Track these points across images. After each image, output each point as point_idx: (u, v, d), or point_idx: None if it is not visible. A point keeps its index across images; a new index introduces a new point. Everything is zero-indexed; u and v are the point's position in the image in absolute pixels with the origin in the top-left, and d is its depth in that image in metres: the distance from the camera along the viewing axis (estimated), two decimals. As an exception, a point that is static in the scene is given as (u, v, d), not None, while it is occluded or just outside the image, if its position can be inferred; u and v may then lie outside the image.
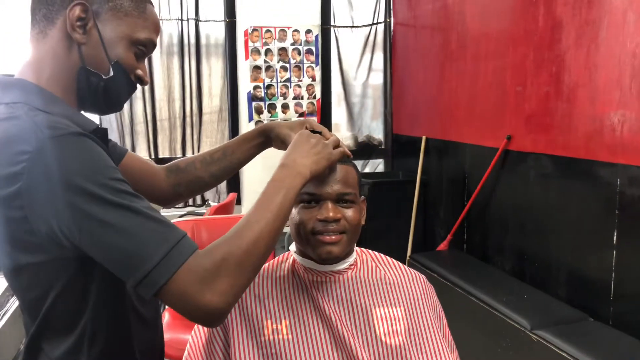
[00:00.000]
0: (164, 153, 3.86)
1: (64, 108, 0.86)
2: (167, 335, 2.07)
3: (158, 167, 1.18)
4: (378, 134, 4.41)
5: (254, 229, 0.82)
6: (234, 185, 3.94)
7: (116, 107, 0.96)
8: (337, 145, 1.01)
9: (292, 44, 3.95)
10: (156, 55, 3.74)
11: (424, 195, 3.80)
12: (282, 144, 1.10)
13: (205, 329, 1.07)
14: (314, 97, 4.04)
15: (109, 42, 0.87)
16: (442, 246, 3.37)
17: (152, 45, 0.94)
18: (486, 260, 3.13)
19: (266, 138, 1.16)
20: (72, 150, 0.77)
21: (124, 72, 0.90)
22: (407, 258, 3.43)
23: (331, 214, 1.00)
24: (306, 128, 1.05)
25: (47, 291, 0.84)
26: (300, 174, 0.91)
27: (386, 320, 1.03)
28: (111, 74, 0.88)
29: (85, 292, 0.85)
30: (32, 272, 0.83)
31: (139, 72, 0.93)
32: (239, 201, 3.88)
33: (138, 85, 0.95)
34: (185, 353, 1.07)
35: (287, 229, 1.05)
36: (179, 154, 3.87)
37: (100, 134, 0.87)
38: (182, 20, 3.75)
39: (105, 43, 0.87)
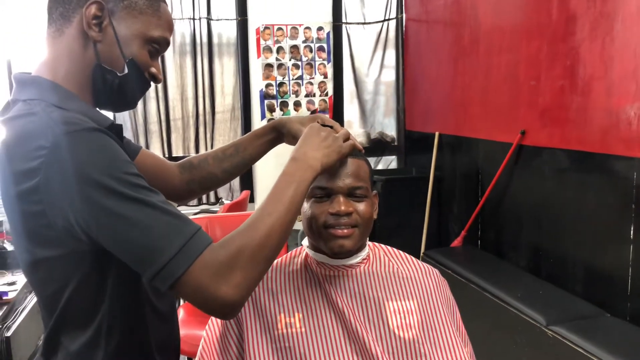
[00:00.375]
0: (177, 152, 3.89)
1: (79, 104, 0.87)
2: (182, 332, 2.09)
3: (171, 164, 1.19)
4: (391, 131, 4.39)
5: (267, 222, 0.82)
6: (247, 183, 3.96)
7: (130, 105, 0.97)
8: (347, 138, 1.02)
9: (304, 42, 3.95)
10: (169, 54, 3.77)
11: (438, 192, 3.78)
12: (293, 139, 1.11)
13: (220, 323, 1.08)
14: (326, 95, 4.04)
15: (124, 39, 0.89)
16: (456, 242, 3.36)
17: (165, 44, 0.95)
18: (501, 256, 3.11)
19: (278, 134, 1.17)
20: (88, 145, 0.78)
21: (138, 69, 0.91)
22: (421, 254, 3.42)
23: (343, 208, 1.00)
24: (317, 123, 1.05)
25: (64, 285, 0.85)
26: (311, 167, 0.91)
27: (399, 313, 1.03)
28: (126, 71, 0.90)
29: (101, 286, 0.86)
30: (49, 266, 0.85)
31: (153, 70, 0.94)
32: (252, 199, 3.90)
33: (152, 84, 0.97)
34: (200, 347, 1.08)
35: (299, 226, 1.05)
36: (192, 152, 3.90)
37: (116, 130, 0.88)
38: (194, 19, 3.77)
39: (120, 41, 0.88)
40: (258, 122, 3.94)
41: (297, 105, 3.99)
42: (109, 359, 0.88)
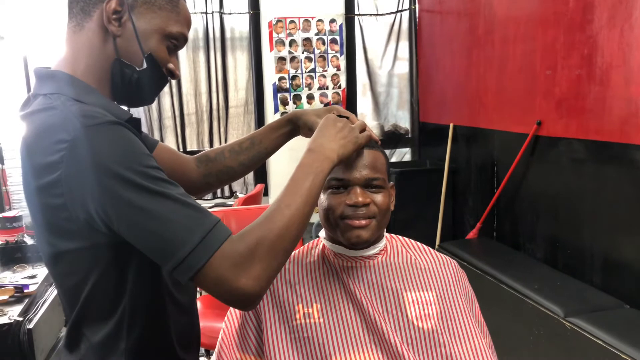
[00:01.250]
0: (191, 146, 3.91)
1: (98, 98, 0.88)
2: (200, 324, 2.11)
3: (188, 158, 1.19)
4: (404, 123, 4.37)
5: (285, 214, 0.83)
6: (261, 177, 3.97)
7: (147, 100, 0.98)
8: (363, 129, 1.01)
9: (316, 34, 3.94)
10: (182, 49, 3.77)
11: (452, 184, 3.76)
12: (309, 132, 1.11)
13: (238, 315, 1.09)
14: (339, 87, 4.03)
15: (143, 35, 0.89)
16: (472, 234, 3.34)
17: (183, 40, 0.95)
18: (517, 248, 3.08)
19: (294, 126, 1.16)
20: (108, 138, 0.79)
21: (156, 65, 0.92)
22: (436, 247, 3.41)
23: (360, 199, 1.00)
24: (333, 114, 1.05)
25: (85, 277, 0.86)
26: (328, 159, 0.91)
27: (418, 304, 1.03)
28: (144, 66, 0.90)
29: (122, 277, 0.87)
30: (71, 258, 0.86)
31: (171, 65, 0.95)
32: (266, 192, 3.91)
33: (169, 80, 0.97)
34: (219, 339, 1.09)
35: (314, 219, 1.05)
36: (206, 146, 3.91)
37: (134, 123, 0.89)
38: (207, 13, 3.77)
39: (139, 36, 0.89)
40: (271, 116, 3.94)
41: (310, 98, 3.99)
42: (131, 350, 0.89)
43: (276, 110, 3.94)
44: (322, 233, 1.12)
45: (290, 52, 3.91)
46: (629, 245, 2.30)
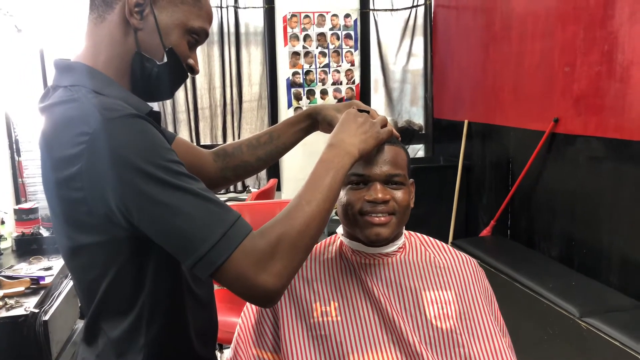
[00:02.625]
0: (205, 140, 3.91)
1: (119, 90, 0.87)
2: (213, 318, 2.11)
3: (206, 152, 1.19)
4: (418, 119, 4.34)
5: (306, 211, 0.82)
6: (274, 172, 3.97)
7: (166, 95, 0.97)
8: (384, 124, 1.00)
9: (331, 29, 3.92)
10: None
11: (466, 181, 3.73)
12: (328, 127, 1.09)
13: (255, 310, 1.08)
14: (353, 83, 4.01)
15: (165, 28, 0.89)
16: (485, 232, 3.31)
17: (204, 35, 0.94)
18: (531, 246, 3.05)
19: (313, 121, 1.15)
20: (130, 131, 0.78)
21: (177, 59, 0.91)
22: (449, 244, 3.38)
23: (380, 195, 0.98)
24: (354, 108, 1.03)
25: (104, 272, 0.86)
26: (348, 154, 0.90)
27: (436, 303, 1.02)
28: (165, 60, 0.90)
29: (141, 272, 0.86)
30: (90, 252, 0.85)
31: (191, 61, 0.94)
32: (279, 187, 3.91)
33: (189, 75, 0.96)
34: (236, 334, 1.09)
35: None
36: (219, 141, 3.92)
37: (154, 116, 0.88)
38: (221, 7, 3.77)
39: (160, 29, 0.88)
40: (285, 111, 3.94)
41: (323, 93, 3.97)
42: (150, 345, 0.89)
43: (289, 105, 3.93)
44: (340, 229, 1.11)
45: (304, 47, 3.90)
46: (647, 245, 2.27)
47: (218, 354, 2.43)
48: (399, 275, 1.04)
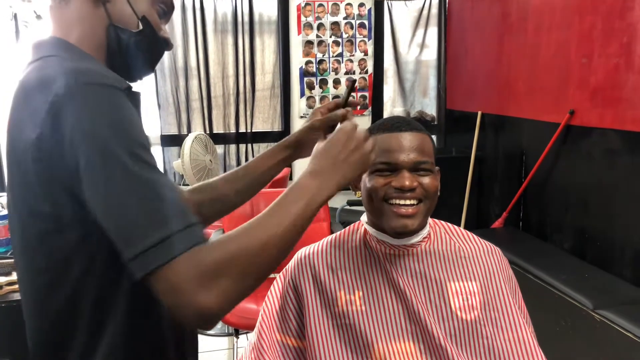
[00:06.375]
0: (218, 128, 3.93)
1: (96, 65, 0.82)
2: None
3: (181, 187, 1.14)
4: (431, 110, 4.33)
5: (268, 232, 0.74)
6: (286, 161, 3.97)
7: (146, 69, 0.93)
8: (367, 138, 0.88)
9: (345, 18, 3.90)
10: (210, 32, 3.79)
11: (479, 172, 3.72)
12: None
13: (279, 296, 1.09)
14: (366, 72, 4.00)
15: None
16: (497, 223, 3.31)
17: (171, 5, 0.93)
18: (544, 238, 3.05)
19: (292, 151, 1.10)
20: (102, 101, 0.72)
21: (152, 28, 0.89)
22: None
23: (407, 183, 0.98)
24: (341, 122, 0.96)
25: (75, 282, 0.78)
26: (325, 189, 0.82)
27: (461, 294, 1.02)
28: (140, 27, 0.87)
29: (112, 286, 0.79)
30: (52, 252, 0.78)
31: (164, 33, 0.92)
32: (291, 177, 3.92)
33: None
34: (259, 319, 1.10)
35: (336, 204, 1.01)
36: (232, 129, 3.93)
37: (133, 96, 0.81)
38: (235, -4, 3.76)
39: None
40: (297, 100, 3.94)
41: (336, 83, 3.97)
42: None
43: (302, 94, 3.93)
44: (364, 217, 1.11)
45: (317, 36, 3.89)
46: (662, 238, 2.27)
47: (234, 338, 2.46)
48: (424, 266, 1.05)
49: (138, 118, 0.76)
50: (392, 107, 4.29)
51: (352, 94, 1.01)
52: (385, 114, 4.21)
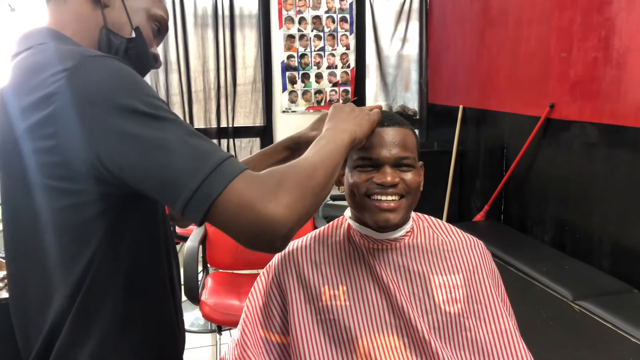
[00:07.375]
0: (199, 123, 3.89)
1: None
2: (211, 300, 2.12)
3: None
4: (413, 104, 4.34)
5: (310, 161, 0.78)
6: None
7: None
8: (370, 109, 1.01)
9: (326, 12, 3.89)
10: (190, 26, 3.74)
11: (460, 166, 3.75)
12: None
13: (262, 293, 1.08)
14: (348, 67, 3.99)
15: (131, 10, 0.89)
16: (479, 217, 3.34)
17: (165, 25, 0.95)
18: (524, 231, 3.09)
19: (291, 152, 1.12)
20: (111, 68, 0.74)
21: (144, 40, 0.90)
22: (443, 228, 3.41)
23: (389, 179, 0.98)
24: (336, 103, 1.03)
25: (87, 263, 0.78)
26: (346, 131, 0.88)
27: (444, 287, 1.03)
28: (133, 35, 0.89)
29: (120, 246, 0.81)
30: (66, 228, 0.77)
31: (155, 50, 0.94)
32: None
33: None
34: (243, 315, 1.09)
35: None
36: (213, 124, 3.89)
37: None
38: (216, -11, 3.72)
39: (127, 9, 0.88)
40: (279, 94, 3.91)
41: (318, 77, 3.95)
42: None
43: (284, 89, 3.91)
44: (348, 212, 1.11)
45: (299, 30, 3.86)
46: (639, 230, 2.31)
47: (217, 335, 2.44)
48: (407, 259, 1.05)
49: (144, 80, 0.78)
50: (374, 101, 4.29)
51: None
52: (368, 109, 4.20)
